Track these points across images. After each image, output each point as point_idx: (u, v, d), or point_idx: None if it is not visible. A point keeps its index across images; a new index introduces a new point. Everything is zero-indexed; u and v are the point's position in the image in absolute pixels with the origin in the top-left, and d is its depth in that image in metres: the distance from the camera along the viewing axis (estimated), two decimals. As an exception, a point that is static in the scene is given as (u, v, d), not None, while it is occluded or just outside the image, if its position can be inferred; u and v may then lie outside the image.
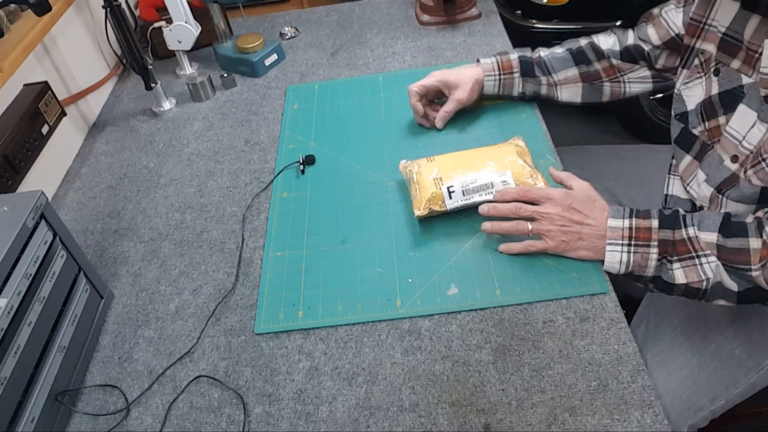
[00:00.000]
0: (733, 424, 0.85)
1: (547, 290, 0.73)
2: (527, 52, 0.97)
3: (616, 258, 0.71)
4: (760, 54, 0.66)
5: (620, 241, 0.71)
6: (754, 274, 0.64)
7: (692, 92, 0.79)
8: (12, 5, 0.95)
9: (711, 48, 0.75)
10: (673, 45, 0.87)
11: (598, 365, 0.65)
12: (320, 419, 0.65)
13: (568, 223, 0.74)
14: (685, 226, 0.69)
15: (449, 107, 0.97)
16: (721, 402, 0.75)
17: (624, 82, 0.95)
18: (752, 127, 0.68)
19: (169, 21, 1.16)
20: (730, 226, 0.67)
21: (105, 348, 0.77)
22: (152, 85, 1.13)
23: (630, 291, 1.10)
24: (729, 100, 0.72)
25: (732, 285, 0.66)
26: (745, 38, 0.69)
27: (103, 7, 1.03)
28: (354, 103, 1.11)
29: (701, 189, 0.76)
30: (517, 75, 0.96)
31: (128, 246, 0.90)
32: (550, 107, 1.01)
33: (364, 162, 0.97)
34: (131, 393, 0.71)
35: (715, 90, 0.74)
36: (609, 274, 0.74)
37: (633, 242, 0.71)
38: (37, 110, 0.97)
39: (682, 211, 0.72)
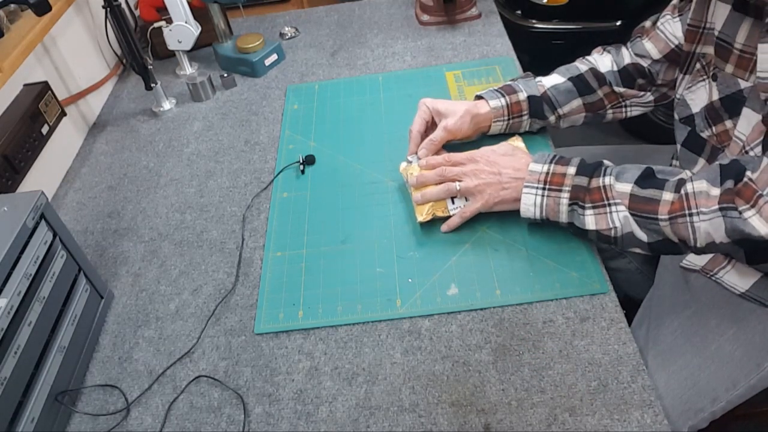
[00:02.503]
0: (733, 424, 0.85)
1: (547, 290, 0.73)
2: (533, 87, 0.90)
3: (530, 200, 0.74)
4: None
5: (536, 185, 0.74)
6: (661, 224, 0.66)
7: (696, 95, 0.79)
8: (12, 5, 0.95)
9: (711, 51, 0.74)
10: (674, 57, 0.86)
11: (598, 365, 0.65)
12: (320, 419, 0.65)
13: (489, 175, 0.78)
14: (604, 175, 0.71)
15: (436, 135, 0.87)
16: (721, 403, 0.75)
17: (626, 106, 0.93)
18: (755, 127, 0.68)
19: (169, 21, 1.16)
20: (648, 180, 0.69)
21: (105, 348, 0.77)
22: (152, 85, 1.13)
23: (630, 291, 1.10)
24: (731, 104, 0.72)
25: (642, 236, 0.68)
26: (736, 41, 0.69)
27: (103, 7, 1.03)
28: (354, 103, 1.11)
29: None
30: (526, 116, 0.91)
31: (128, 246, 0.90)
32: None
33: (364, 162, 0.97)
34: (131, 393, 0.71)
35: (716, 96, 0.74)
36: (609, 273, 0.74)
37: (547, 186, 0.73)
38: (37, 110, 0.97)
39: (606, 163, 0.73)
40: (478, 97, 0.92)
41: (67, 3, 1.10)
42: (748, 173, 0.63)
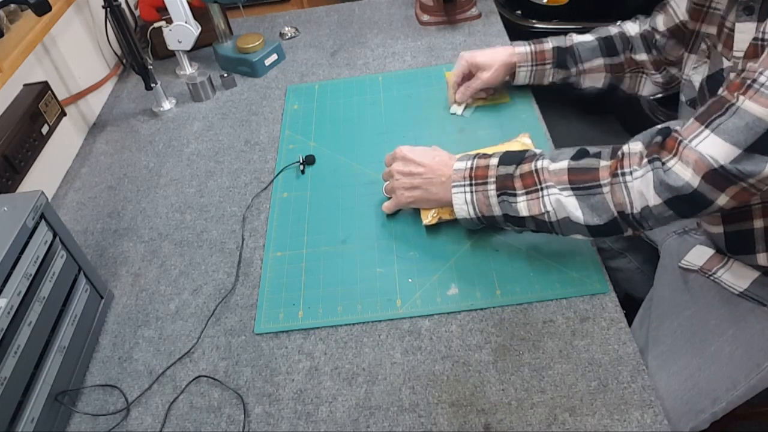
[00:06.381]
0: (734, 424, 0.85)
1: (547, 290, 0.73)
2: (561, 40, 0.96)
3: (460, 199, 0.74)
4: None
5: (462, 182, 0.74)
6: (603, 190, 0.65)
7: (700, 76, 0.79)
8: (12, 5, 0.95)
9: (714, 30, 0.75)
10: (678, 33, 0.86)
11: (598, 365, 0.65)
12: (320, 419, 0.65)
13: (406, 175, 0.80)
14: (536, 160, 0.71)
15: (474, 83, 0.98)
16: (722, 404, 0.75)
17: (642, 75, 0.95)
18: None
19: (169, 21, 1.16)
20: (583, 154, 0.69)
21: (105, 348, 0.77)
22: (152, 85, 1.13)
23: (630, 291, 1.10)
24: (713, 84, 0.72)
25: (579, 217, 0.66)
26: (728, 19, 0.69)
27: (103, 7, 1.03)
28: (354, 103, 1.11)
29: None
30: (549, 66, 0.95)
31: (128, 246, 0.90)
32: (550, 107, 1.01)
33: (364, 162, 0.97)
34: (131, 393, 0.71)
35: (706, 74, 0.75)
36: (609, 273, 0.74)
37: (473, 181, 0.73)
38: (37, 110, 0.97)
39: (535, 151, 0.74)
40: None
41: (67, 3, 1.10)
42: (676, 127, 0.63)
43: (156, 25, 1.24)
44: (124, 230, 0.93)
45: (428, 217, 0.81)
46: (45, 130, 0.99)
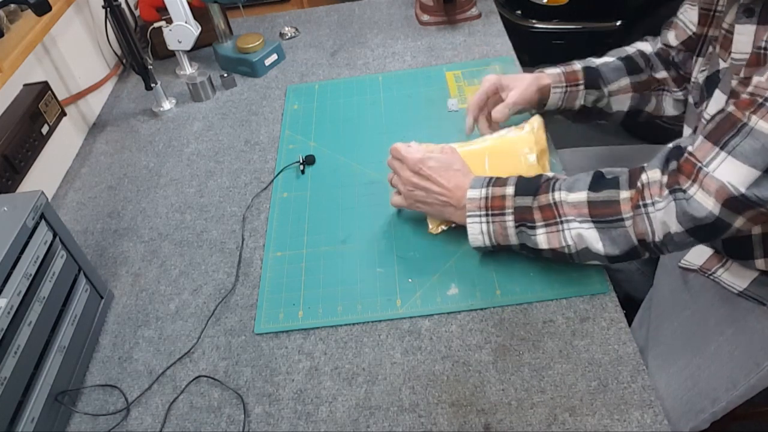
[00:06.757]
0: (733, 424, 0.85)
1: (547, 290, 0.73)
2: (587, 62, 0.93)
3: (476, 229, 0.72)
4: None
5: (477, 212, 0.72)
6: (626, 224, 0.65)
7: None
8: (12, 5, 0.95)
9: (719, 33, 0.75)
10: (690, 44, 0.86)
11: (598, 365, 0.65)
12: (320, 419, 0.65)
13: (420, 189, 0.77)
14: (553, 191, 0.69)
15: (510, 100, 0.87)
16: (722, 404, 0.75)
17: (666, 93, 0.93)
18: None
19: (169, 21, 1.16)
20: (600, 182, 0.68)
21: (105, 348, 0.77)
22: (152, 85, 1.13)
23: (630, 291, 1.10)
24: (709, 85, 0.72)
25: (599, 249, 0.66)
26: (725, 21, 0.69)
27: (103, 7, 1.03)
28: (354, 103, 1.11)
29: None
30: (582, 87, 0.91)
31: (128, 246, 0.90)
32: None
33: (364, 162, 0.97)
34: (131, 393, 0.71)
35: (706, 75, 0.75)
36: (609, 273, 0.74)
37: (489, 212, 0.71)
38: (37, 110, 0.97)
39: (549, 175, 0.72)
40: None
41: (67, 3, 1.10)
42: (689, 148, 0.63)
43: (156, 25, 1.24)
44: (124, 230, 0.93)
45: (435, 228, 0.81)
46: (45, 130, 0.99)
